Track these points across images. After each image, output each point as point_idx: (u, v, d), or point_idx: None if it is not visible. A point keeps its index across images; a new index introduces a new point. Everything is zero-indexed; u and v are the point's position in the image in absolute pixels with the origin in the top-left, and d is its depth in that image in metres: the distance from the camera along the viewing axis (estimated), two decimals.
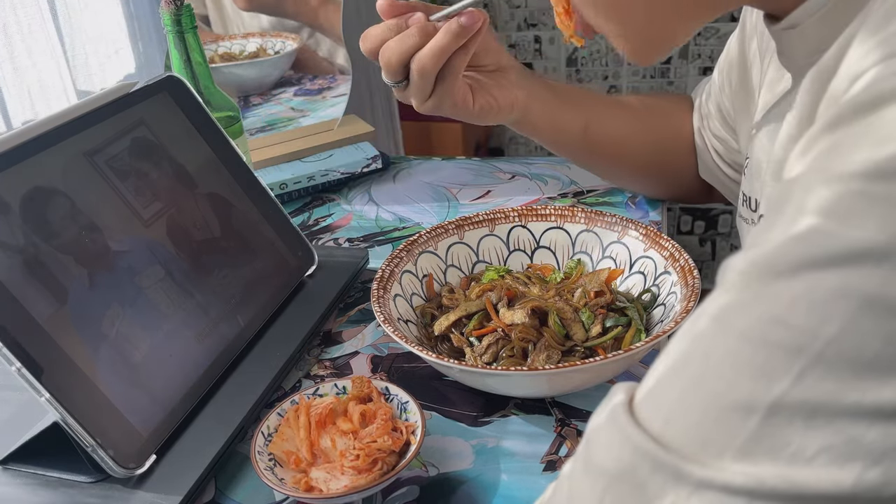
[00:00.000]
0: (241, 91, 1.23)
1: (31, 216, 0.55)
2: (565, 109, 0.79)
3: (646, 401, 0.32)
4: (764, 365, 0.27)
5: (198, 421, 0.59)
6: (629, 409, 0.32)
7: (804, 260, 0.27)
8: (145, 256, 0.62)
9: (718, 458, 0.28)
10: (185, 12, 0.77)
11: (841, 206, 0.27)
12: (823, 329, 0.26)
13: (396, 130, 1.86)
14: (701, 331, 0.30)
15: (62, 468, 0.55)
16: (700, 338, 0.30)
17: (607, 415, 0.33)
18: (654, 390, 0.32)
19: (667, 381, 0.31)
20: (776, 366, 0.27)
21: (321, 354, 0.70)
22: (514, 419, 0.60)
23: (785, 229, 0.28)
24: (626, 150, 0.83)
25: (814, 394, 0.26)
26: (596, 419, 0.34)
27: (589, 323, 0.64)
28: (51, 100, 0.90)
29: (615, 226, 0.72)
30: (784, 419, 0.27)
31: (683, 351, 0.31)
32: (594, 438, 0.33)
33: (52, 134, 0.59)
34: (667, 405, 0.30)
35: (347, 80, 1.18)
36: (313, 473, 0.52)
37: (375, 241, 0.89)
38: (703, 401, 0.29)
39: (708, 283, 1.50)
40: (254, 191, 0.75)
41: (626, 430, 0.31)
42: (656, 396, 0.31)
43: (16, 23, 0.85)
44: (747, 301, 0.29)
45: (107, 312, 0.57)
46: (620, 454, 0.31)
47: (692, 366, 0.30)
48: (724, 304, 0.30)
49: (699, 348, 0.30)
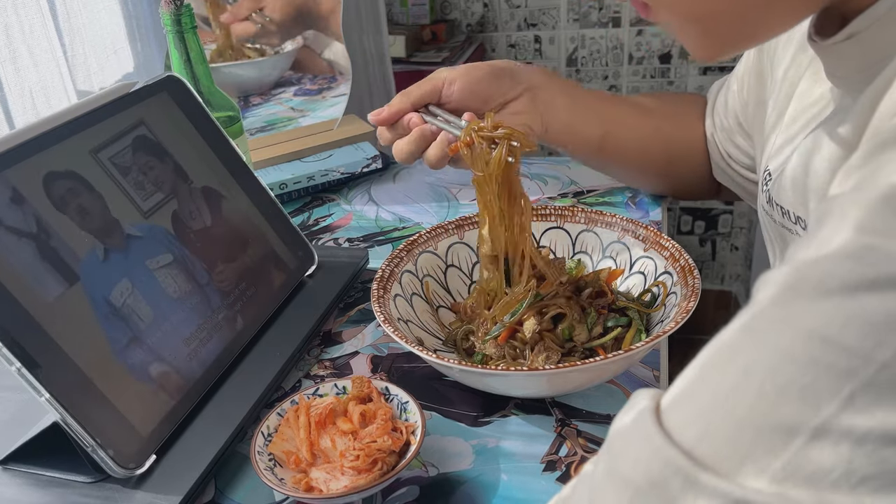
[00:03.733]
0: (241, 91, 1.23)
1: (31, 216, 0.55)
2: (583, 122, 0.79)
3: (676, 410, 0.30)
4: (811, 386, 0.26)
5: (198, 421, 0.59)
6: (657, 418, 0.31)
7: (859, 280, 0.26)
8: (145, 257, 0.62)
9: (756, 478, 0.27)
10: (185, 12, 0.77)
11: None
12: (877, 353, 0.25)
13: None
14: (740, 343, 0.29)
15: (62, 468, 0.55)
16: (739, 351, 0.29)
17: (633, 421, 0.32)
18: (686, 401, 0.30)
19: (701, 392, 0.30)
20: (824, 388, 0.26)
21: (321, 354, 0.70)
22: (514, 419, 0.60)
23: (835, 246, 0.27)
24: (641, 159, 0.84)
25: (863, 419, 0.25)
26: (620, 423, 0.33)
27: (592, 323, 0.64)
28: (51, 100, 0.90)
29: (615, 226, 0.72)
30: (829, 444, 0.26)
31: (720, 363, 0.30)
32: (619, 444, 0.32)
33: (51, 134, 0.59)
34: (701, 418, 0.29)
35: (347, 80, 1.18)
36: (313, 473, 0.52)
37: (375, 241, 0.89)
38: (742, 417, 0.28)
39: (708, 283, 1.51)
40: (254, 191, 0.75)
41: (654, 440, 0.30)
42: (688, 407, 0.30)
43: (17, 23, 0.85)
44: (793, 317, 0.27)
45: (107, 313, 0.57)
46: (649, 466, 0.30)
47: (730, 379, 0.29)
48: (766, 318, 0.28)
49: (738, 361, 0.29)
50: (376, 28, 1.74)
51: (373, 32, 1.73)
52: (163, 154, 0.68)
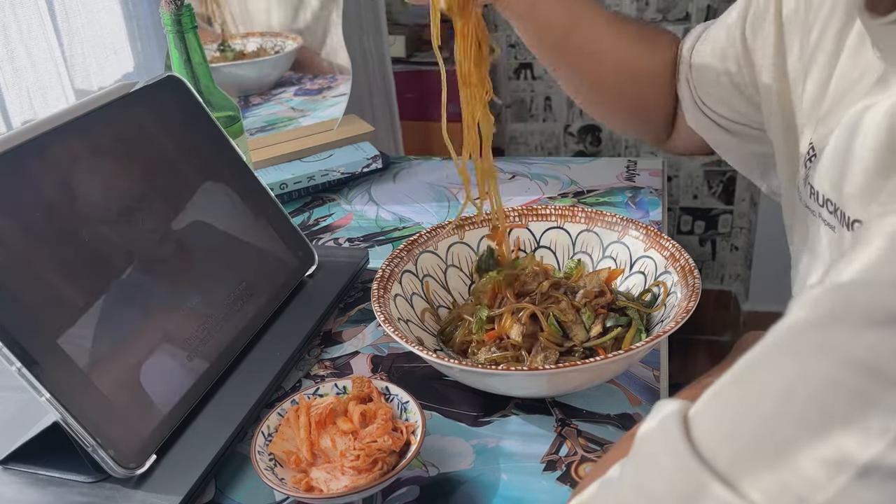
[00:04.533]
0: (241, 91, 1.23)
1: (31, 216, 0.55)
2: (550, 5, 0.73)
3: (706, 424, 0.29)
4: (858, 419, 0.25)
5: (198, 421, 0.59)
6: (684, 427, 0.29)
7: None
8: (145, 257, 0.62)
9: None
10: (185, 12, 0.77)
11: None
12: None
13: (396, 130, 1.86)
14: (780, 363, 0.28)
15: (62, 468, 0.55)
16: (778, 371, 0.28)
17: (659, 425, 0.31)
18: (718, 415, 0.29)
19: (735, 409, 0.29)
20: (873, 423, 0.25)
21: (321, 354, 0.70)
22: (514, 419, 0.60)
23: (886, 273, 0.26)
24: (602, 68, 0.78)
25: None
26: (646, 428, 0.32)
27: (589, 323, 0.64)
28: (49, 100, 0.90)
29: (615, 226, 0.72)
30: (877, 482, 0.25)
31: (756, 382, 0.28)
32: (645, 452, 0.31)
33: (51, 134, 0.59)
34: (735, 440, 0.28)
35: (347, 80, 1.18)
36: (313, 473, 0.52)
37: (375, 241, 0.89)
38: (783, 445, 0.26)
39: (708, 283, 1.51)
40: (254, 191, 0.75)
41: (686, 461, 0.28)
42: (721, 423, 0.29)
43: (15, 23, 0.85)
44: (838, 344, 0.26)
45: (107, 313, 0.57)
46: (681, 488, 0.28)
47: (768, 402, 0.27)
48: (809, 341, 0.27)
49: (777, 384, 0.27)
50: (376, 28, 1.74)
51: (373, 32, 1.73)
52: (163, 154, 0.68)
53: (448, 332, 0.68)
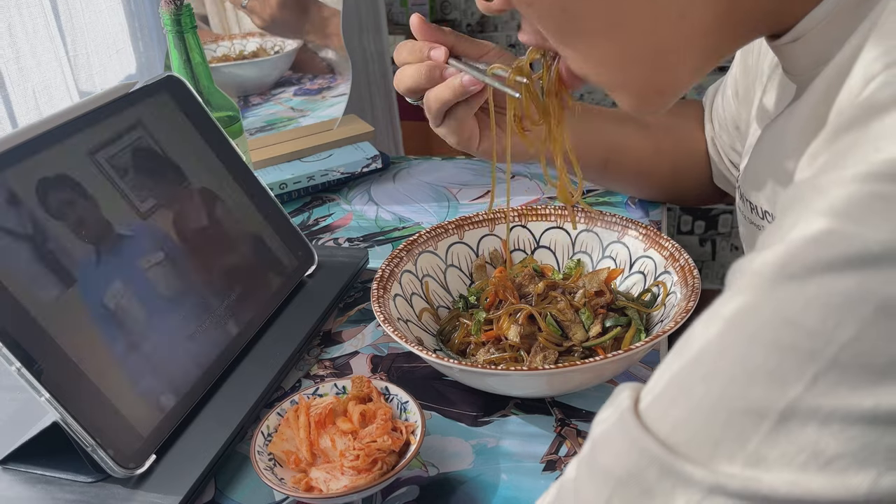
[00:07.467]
0: (241, 91, 1.23)
1: (31, 216, 0.55)
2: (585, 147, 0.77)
3: (653, 402, 0.31)
4: (776, 369, 0.27)
5: (198, 421, 0.59)
6: (635, 411, 0.31)
7: (818, 262, 0.26)
8: (146, 257, 0.62)
9: (729, 463, 0.27)
10: (184, 12, 0.77)
11: (856, 208, 0.26)
12: (838, 333, 0.26)
13: (396, 130, 1.86)
14: (710, 333, 0.30)
15: (62, 468, 0.55)
16: (709, 340, 0.29)
17: (612, 416, 0.32)
18: (662, 392, 0.31)
19: (675, 382, 0.30)
20: (789, 370, 0.26)
21: (321, 354, 0.70)
22: (514, 419, 0.60)
23: (798, 231, 0.27)
24: (643, 179, 0.85)
25: (828, 399, 0.26)
26: (600, 420, 0.33)
27: (588, 323, 0.64)
28: (54, 100, 0.90)
29: (615, 226, 0.72)
30: (797, 425, 0.26)
31: (692, 353, 0.30)
32: (600, 440, 0.33)
33: (51, 134, 0.59)
34: (675, 407, 0.30)
35: (347, 80, 1.18)
36: (313, 473, 0.52)
37: (375, 241, 0.89)
38: (713, 404, 0.28)
39: (708, 283, 1.51)
40: (254, 191, 0.75)
41: (632, 432, 0.30)
42: (663, 398, 0.31)
43: (21, 24, 0.85)
44: (758, 304, 0.28)
45: (107, 313, 0.57)
46: (627, 457, 0.30)
47: (701, 368, 0.29)
48: (734, 306, 0.29)
49: (709, 350, 0.29)
50: (376, 28, 1.74)
51: (373, 32, 1.73)
52: (162, 154, 0.68)
53: (446, 332, 0.68)
